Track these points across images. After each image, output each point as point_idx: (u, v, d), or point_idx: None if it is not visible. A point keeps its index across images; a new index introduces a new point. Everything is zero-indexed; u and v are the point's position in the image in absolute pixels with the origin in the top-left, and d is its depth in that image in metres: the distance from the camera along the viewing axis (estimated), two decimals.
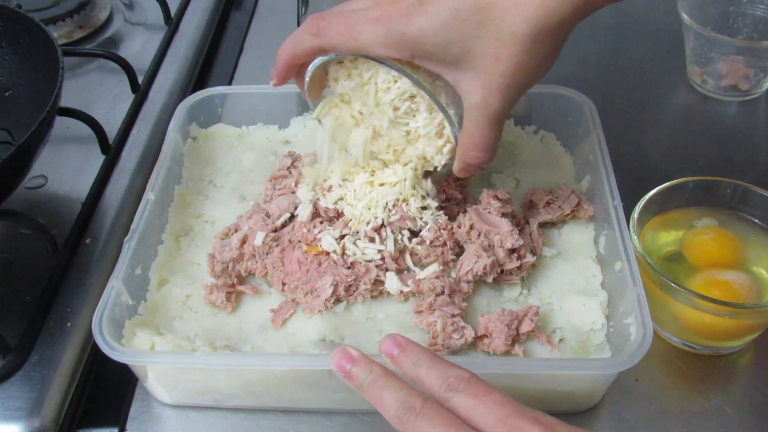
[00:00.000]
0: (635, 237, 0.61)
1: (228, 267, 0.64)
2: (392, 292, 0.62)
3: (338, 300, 0.62)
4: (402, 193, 0.63)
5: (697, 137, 0.85)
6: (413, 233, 0.64)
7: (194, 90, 0.88)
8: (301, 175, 0.68)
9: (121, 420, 0.59)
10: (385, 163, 0.64)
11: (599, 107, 0.72)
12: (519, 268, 0.63)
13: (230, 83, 0.95)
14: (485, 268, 0.61)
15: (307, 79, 0.61)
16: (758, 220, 0.65)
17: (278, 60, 0.60)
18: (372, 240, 0.62)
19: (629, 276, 0.57)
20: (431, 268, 0.62)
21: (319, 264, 0.62)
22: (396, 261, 0.63)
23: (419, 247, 0.63)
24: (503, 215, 0.65)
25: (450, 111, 0.58)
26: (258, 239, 0.64)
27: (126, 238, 0.61)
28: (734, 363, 0.62)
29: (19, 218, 0.68)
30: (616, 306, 0.59)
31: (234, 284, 0.64)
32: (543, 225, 0.68)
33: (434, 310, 0.59)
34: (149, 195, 0.65)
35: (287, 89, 0.78)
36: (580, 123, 0.73)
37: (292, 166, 0.71)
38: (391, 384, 0.45)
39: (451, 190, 0.68)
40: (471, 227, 0.64)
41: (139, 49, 0.95)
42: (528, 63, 0.54)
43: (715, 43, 0.84)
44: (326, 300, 0.61)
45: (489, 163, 0.60)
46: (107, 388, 0.62)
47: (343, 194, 0.65)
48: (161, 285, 0.64)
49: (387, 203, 0.63)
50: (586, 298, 0.61)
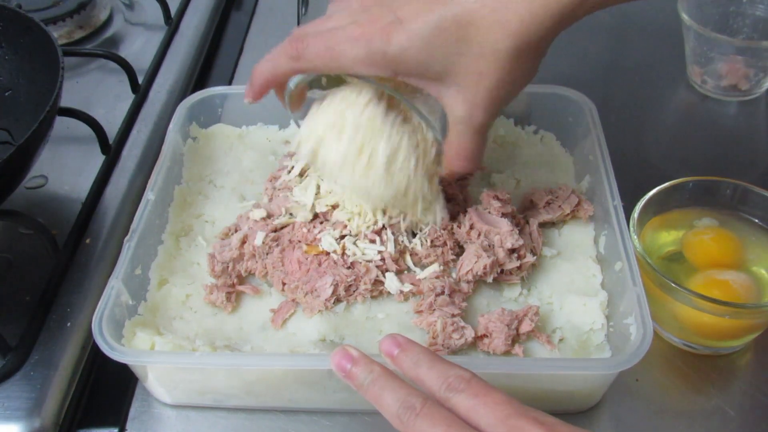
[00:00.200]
0: (635, 237, 0.61)
1: (228, 267, 0.64)
2: (392, 292, 0.62)
3: (338, 300, 0.62)
4: None
5: (697, 137, 0.85)
6: (413, 233, 0.64)
7: (194, 90, 0.88)
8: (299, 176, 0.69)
9: (121, 420, 0.59)
10: None
11: (599, 107, 0.72)
12: (519, 268, 0.63)
13: (230, 83, 0.95)
14: (485, 268, 0.61)
15: (287, 99, 0.61)
16: (758, 220, 0.65)
17: (255, 80, 0.59)
18: (372, 241, 0.62)
19: (629, 276, 0.57)
20: (431, 268, 0.62)
21: (319, 264, 0.62)
22: (396, 261, 0.63)
23: (419, 247, 0.63)
24: (503, 215, 0.65)
25: (434, 121, 0.59)
26: (258, 239, 0.64)
27: (126, 238, 0.61)
28: (734, 363, 0.62)
29: (19, 218, 0.68)
30: (616, 306, 0.59)
31: (234, 284, 0.64)
32: (543, 225, 0.68)
33: (434, 310, 0.59)
34: (149, 195, 0.65)
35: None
36: (580, 123, 0.73)
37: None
38: (392, 384, 0.45)
39: (452, 190, 0.68)
40: (471, 227, 0.64)
41: (139, 49, 0.95)
42: (511, 77, 0.54)
43: (715, 43, 0.84)
44: (326, 300, 0.61)
45: (476, 170, 0.61)
46: (107, 388, 0.62)
47: (339, 201, 0.65)
48: (161, 285, 0.64)
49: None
50: (586, 298, 0.61)
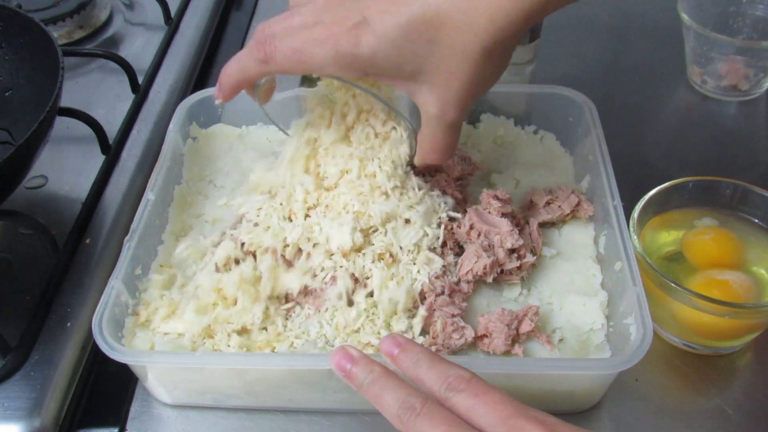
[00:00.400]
0: (635, 237, 0.61)
1: None
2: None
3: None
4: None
5: (697, 137, 0.85)
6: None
7: (194, 90, 0.88)
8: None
9: (121, 420, 0.59)
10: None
11: (599, 107, 0.72)
12: (519, 268, 0.63)
13: None
14: (485, 268, 0.61)
15: (256, 94, 0.62)
16: (758, 220, 0.65)
17: (224, 83, 0.59)
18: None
19: (629, 276, 0.57)
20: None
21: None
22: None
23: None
24: (503, 215, 0.65)
25: (408, 116, 0.60)
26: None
27: (126, 238, 0.61)
28: (734, 363, 0.62)
29: (19, 218, 0.68)
30: (616, 306, 0.59)
31: None
32: (543, 225, 0.68)
33: (434, 310, 0.59)
34: (149, 195, 0.65)
35: (288, 92, 0.78)
36: (580, 123, 0.73)
37: None
38: (392, 384, 0.45)
39: (451, 190, 0.68)
40: (471, 227, 0.64)
41: (139, 49, 0.95)
42: (482, 75, 0.54)
43: (715, 43, 0.84)
44: (326, 299, 0.60)
45: (447, 161, 0.64)
46: (107, 388, 0.62)
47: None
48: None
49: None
50: (586, 298, 0.61)
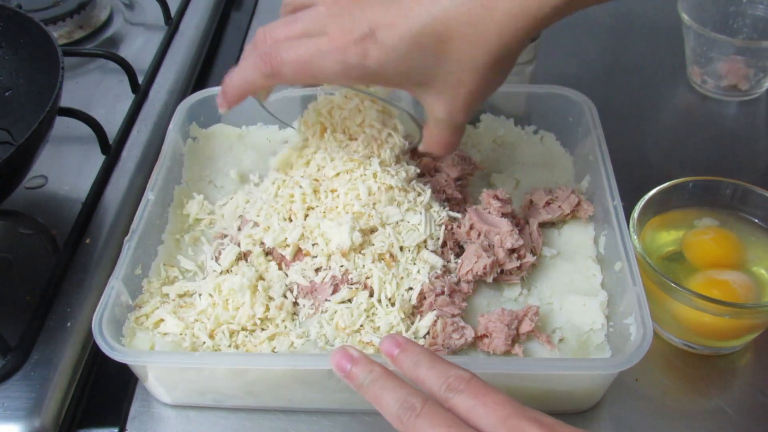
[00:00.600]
0: (635, 237, 0.61)
1: None
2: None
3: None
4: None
5: (697, 137, 0.85)
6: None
7: (194, 90, 0.88)
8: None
9: (121, 420, 0.59)
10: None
11: (599, 107, 0.72)
12: (519, 268, 0.63)
13: None
14: (485, 268, 0.61)
15: (258, 97, 0.62)
16: (758, 220, 0.65)
17: (228, 93, 0.59)
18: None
19: (629, 276, 0.57)
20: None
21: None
22: None
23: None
24: (503, 215, 0.65)
25: (413, 112, 0.61)
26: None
27: (126, 238, 0.61)
28: (734, 363, 0.62)
29: (19, 218, 0.68)
30: (616, 306, 0.59)
31: None
32: (543, 225, 0.68)
33: (434, 310, 0.59)
34: (149, 195, 0.65)
35: (287, 91, 0.78)
36: (580, 123, 0.73)
37: None
38: (392, 384, 0.45)
39: (451, 190, 0.68)
40: (471, 227, 0.64)
41: (139, 49, 0.95)
42: (489, 82, 0.55)
43: (715, 43, 0.84)
44: (326, 299, 0.61)
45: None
46: (107, 388, 0.62)
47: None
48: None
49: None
50: (586, 298, 0.61)
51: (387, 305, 0.60)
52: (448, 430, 0.41)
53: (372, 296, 0.60)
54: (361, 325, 0.59)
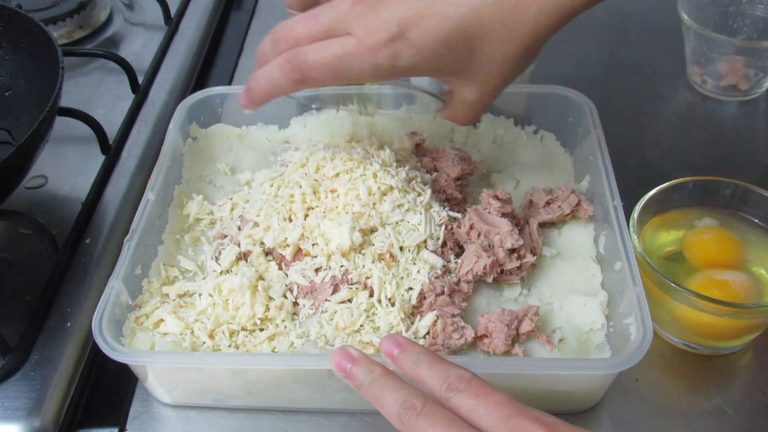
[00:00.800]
0: (635, 237, 0.61)
1: None
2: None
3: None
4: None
5: (697, 137, 0.85)
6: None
7: (194, 90, 0.88)
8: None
9: (121, 420, 0.59)
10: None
11: (599, 107, 0.72)
12: (519, 268, 0.63)
13: (230, 83, 0.95)
14: (485, 268, 0.61)
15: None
16: (758, 220, 0.65)
17: (253, 97, 0.58)
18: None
19: (629, 276, 0.57)
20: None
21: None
22: None
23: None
24: (503, 215, 0.65)
25: (436, 92, 0.62)
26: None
27: (126, 238, 0.61)
28: (734, 363, 0.62)
29: (19, 218, 0.68)
30: (616, 306, 0.59)
31: None
32: (543, 225, 0.68)
33: (434, 310, 0.59)
34: (149, 195, 0.65)
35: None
36: (580, 123, 0.73)
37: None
38: (392, 384, 0.45)
39: (451, 190, 0.68)
40: (471, 227, 0.64)
41: (139, 49, 0.95)
42: (520, 70, 0.57)
43: (715, 43, 0.84)
44: (326, 299, 0.61)
45: None
46: (107, 388, 0.62)
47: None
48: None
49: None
50: (586, 298, 0.61)
51: (387, 305, 0.60)
52: (449, 430, 0.41)
53: (372, 296, 0.60)
54: (361, 325, 0.59)
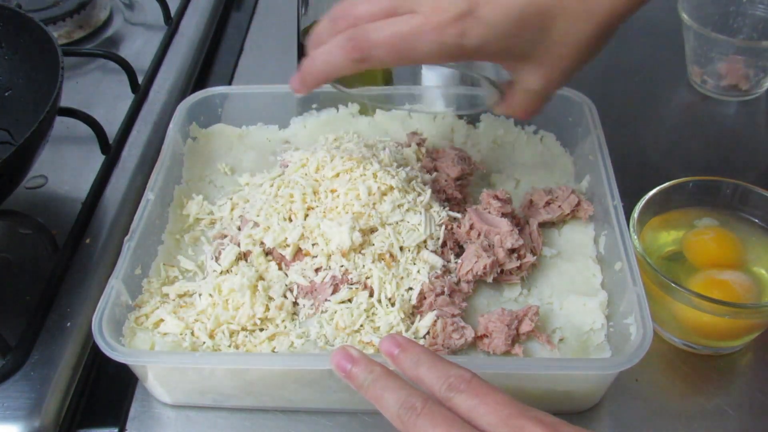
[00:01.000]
0: (635, 237, 0.61)
1: None
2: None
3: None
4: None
5: (697, 137, 0.85)
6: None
7: (194, 90, 0.88)
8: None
9: (121, 420, 0.59)
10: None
11: (599, 107, 0.72)
12: (519, 268, 0.63)
13: (230, 83, 0.95)
14: (485, 268, 0.61)
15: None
16: (758, 220, 0.65)
17: (309, 79, 0.56)
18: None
19: (629, 276, 0.57)
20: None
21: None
22: None
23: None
24: (503, 215, 0.65)
25: (494, 79, 0.59)
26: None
27: (126, 238, 0.61)
28: (734, 363, 0.62)
29: (19, 218, 0.68)
30: (616, 306, 0.59)
31: None
32: (543, 225, 0.68)
33: (434, 310, 0.59)
34: (149, 195, 0.65)
35: (287, 89, 0.78)
36: (580, 123, 0.73)
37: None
38: (392, 384, 0.45)
39: (451, 190, 0.68)
40: (471, 227, 0.64)
41: (139, 49, 0.95)
42: (589, 56, 0.55)
43: (715, 43, 0.84)
44: (326, 299, 0.61)
45: None
46: (107, 388, 0.62)
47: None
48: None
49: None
50: (586, 298, 0.61)
51: (387, 305, 0.60)
52: (449, 430, 0.41)
53: (372, 296, 0.60)
54: (361, 325, 0.59)
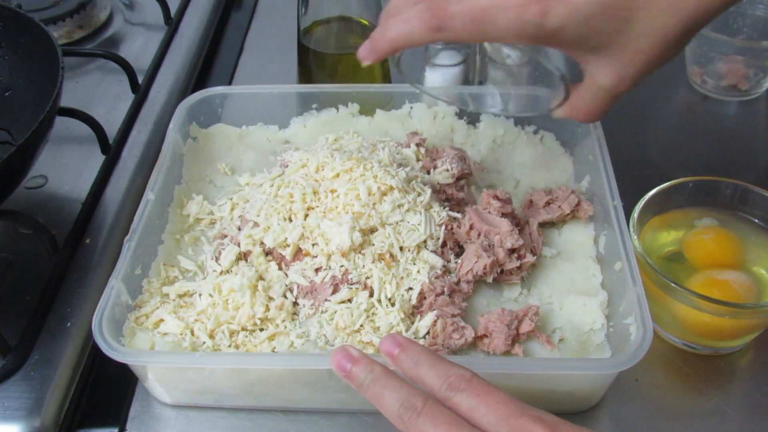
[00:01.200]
0: (635, 237, 0.61)
1: None
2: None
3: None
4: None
5: (697, 137, 0.85)
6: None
7: (194, 90, 0.88)
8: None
9: (121, 420, 0.59)
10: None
11: None
12: (519, 268, 0.63)
13: (230, 83, 0.95)
14: (485, 268, 0.61)
15: (397, 60, 0.61)
16: (758, 220, 0.65)
17: (380, 47, 0.54)
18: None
19: (629, 276, 0.57)
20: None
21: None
22: None
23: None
24: (503, 215, 0.65)
25: (564, 72, 0.57)
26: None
27: (126, 238, 0.61)
28: (734, 363, 0.62)
29: (19, 218, 0.68)
30: (616, 306, 0.59)
31: None
32: (543, 225, 0.68)
33: (434, 310, 0.59)
34: (149, 195, 0.65)
35: (287, 89, 0.78)
36: (580, 123, 0.73)
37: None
38: (392, 383, 0.45)
39: (451, 190, 0.68)
40: (471, 227, 0.64)
41: (139, 49, 0.95)
42: (668, 55, 0.52)
43: (715, 43, 0.84)
44: (326, 299, 0.61)
45: None
46: (107, 388, 0.62)
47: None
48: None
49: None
50: (586, 298, 0.61)
51: (387, 305, 0.60)
52: (450, 429, 0.41)
53: (372, 296, 0.60)
54: (361, 325, 0.59)
